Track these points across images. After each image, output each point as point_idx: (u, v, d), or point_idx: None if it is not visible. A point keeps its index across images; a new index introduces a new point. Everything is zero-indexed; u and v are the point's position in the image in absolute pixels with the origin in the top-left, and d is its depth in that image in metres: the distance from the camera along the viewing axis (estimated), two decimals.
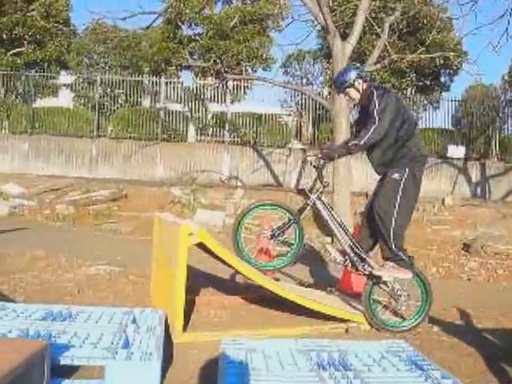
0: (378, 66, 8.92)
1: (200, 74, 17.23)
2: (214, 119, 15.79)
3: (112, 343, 2.96)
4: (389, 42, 9.51)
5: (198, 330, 4.00)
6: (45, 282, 5.22)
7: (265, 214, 4.73)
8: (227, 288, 5.39)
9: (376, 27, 9.48)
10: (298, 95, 15.42)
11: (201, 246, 4.08)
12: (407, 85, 16.24)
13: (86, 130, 15.25)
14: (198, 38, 17.44)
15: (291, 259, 4.54)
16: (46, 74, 17.43)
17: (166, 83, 15.88)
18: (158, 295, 4.63)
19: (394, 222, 4.22)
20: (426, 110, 16.56)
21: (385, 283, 4.40)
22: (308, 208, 4.41)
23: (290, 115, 15.71)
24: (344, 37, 8.61)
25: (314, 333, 4.08)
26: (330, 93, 13.71)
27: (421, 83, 16.93)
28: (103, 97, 16.15)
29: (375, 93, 4.23)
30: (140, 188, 11.74)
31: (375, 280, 4.38)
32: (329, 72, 16.71)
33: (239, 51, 16.51)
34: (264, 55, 17.17)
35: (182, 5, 15.28)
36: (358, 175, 11.96)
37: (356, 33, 8.31)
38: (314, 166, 4.41)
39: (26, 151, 14.70)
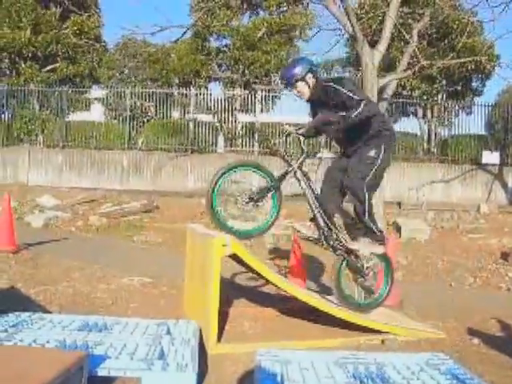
0: (408, 72, 8.82)
1: (229, 85, 17.33)
2: (244, 129, 15.84)
3: (147, 354, 2.96)
4: (418, 48, 9.38)
5: (232, 341, 3.97)
6: (79, 293, 5.27)
7: (243, 174, 4.40)
8: (260, 299, 5.35)
9: (405, 34, 9.37)
10: None
11: (234, 257, 4.07)
12: (438, 91, 16.01)
13: (118, 143, 15.49)
14: (225, 49, 17.58)
15: (267, 226, 4.35)
16: (78, 88, 17.81)
17: (196, 95, 16.04)
18: (191, 306, 4.63)
19: (366, 197, 4.21)
20: (457, 115, 16.27)
21: (356, 259, 4.39)
22: (288, 176, 4.32)
23: None
24: (372, 44, 8.55)
25: (349, 344, 4.00)
26: None
27: (452, 89, 16.65)
28: (134, 109, 16.39)
29: (334, 84, 4.16)
30: (171, 199, 11.83)
31: (346, 256, 4.38)
32: (357, 80, 16.59)
33: (267, 61, 16.55)
34: None
35: (209, 18, 15.42)
36: (388, 183, 11.82)
37: (384, 40, 8.23)
38: (288, 135, 4.39)
39: (59, 164, 14.98)
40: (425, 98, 15.75)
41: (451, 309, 5.32)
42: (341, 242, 4.37)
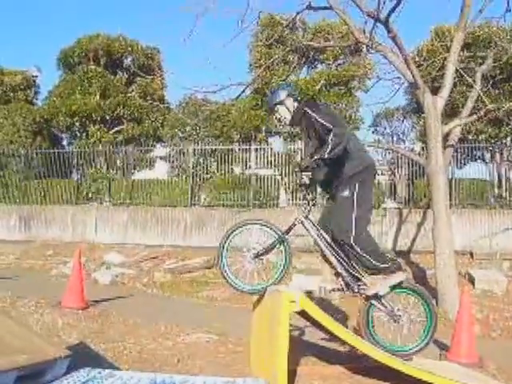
0: (474, 117, 8.56)
1: (289, 139, 17.47)
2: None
3: None
4: (483, 92, 9.12)
5: None
6: (146, 350, 5.26)
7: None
8: (328, 356, 5.15)
9: (467, 78, 9.15)
10: (389, 153, 15.14)
11: (302, 313, 3.95)
12: (506, 134, 15.40)
13: (181, 199, 15.79)
14: None
15: (278, 279, 4.34)
16: (142, 148, 18.50)
17: (256, 149, 16.25)
18: (258, 364, 4.48)
19: (356, 241, 4.12)
20: None
21: (382, 304, 4.23)
22: (294, 226, 4.36)
23: (382, 174, 15.39)
24: (434, 91, 8.41)
25: None
26: (423, 148, 13.30)
27: None
28: (196, 166, 16.76)
29: (309, 109, 4.21)
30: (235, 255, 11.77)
31: (372, 301, 4.25)
32: (419, 128, 16.32)
33: None
34: (352, 116, 17.14)
35: (268, 74, 15.77)
36: (458, 232, 11.29)
37: (447, 86, 8.08)
38: (300, 185, 4.46)
39: (125, 222, 15.36)
40: (492, 141, 15.19)
41: None
42: (365, 285, 4.25)
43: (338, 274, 4.35)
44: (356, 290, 4.27)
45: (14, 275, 10.28)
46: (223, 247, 4.38)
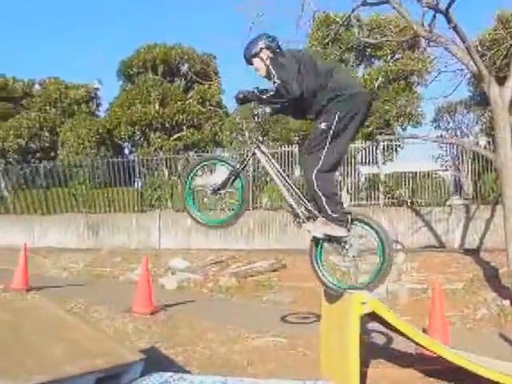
0: None
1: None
2: (367, 182, 15.52)
3: None
4: None
5: None
6: (216, 354, 5.30)
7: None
8: (398, 359, 5.01)
9: None
10: (453, 148, 14.64)
11: (372, 315, 3.87)
12: None
13: None
14: None
15: (238, 214, 4.40)
16: (202, 154, 18.73)
17: None
18: (329, 367, 4.42)
19: (317, 177, 3.95)
20: None
21: (337, 240, 4.03)
22: (248, 158, 4.34)
23: (446, 170, 14.93)
24: (499, 80, 8.06)
25: None
26: (489, 142, 12.78)
27: None
28: (257, 170, 16.80)
29: (270, 61, 4.05)
30: (299, 257, 11.72)
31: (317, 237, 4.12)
32: (484, 120, 15.71)
33: (386, 111, 16.27)
34: (413, 111, 16.72)
35: None
36: None
37: None
38: (254, 115, 4.35)
39: (188, 227, 15.60)
40: None
41: None
42: (313, 218, 4.13)
43: (287, 204, 4.31)
44: (301, 222, 4.18)
45: (84, 282, 10.67)
46: (185, 185, 4.50)
